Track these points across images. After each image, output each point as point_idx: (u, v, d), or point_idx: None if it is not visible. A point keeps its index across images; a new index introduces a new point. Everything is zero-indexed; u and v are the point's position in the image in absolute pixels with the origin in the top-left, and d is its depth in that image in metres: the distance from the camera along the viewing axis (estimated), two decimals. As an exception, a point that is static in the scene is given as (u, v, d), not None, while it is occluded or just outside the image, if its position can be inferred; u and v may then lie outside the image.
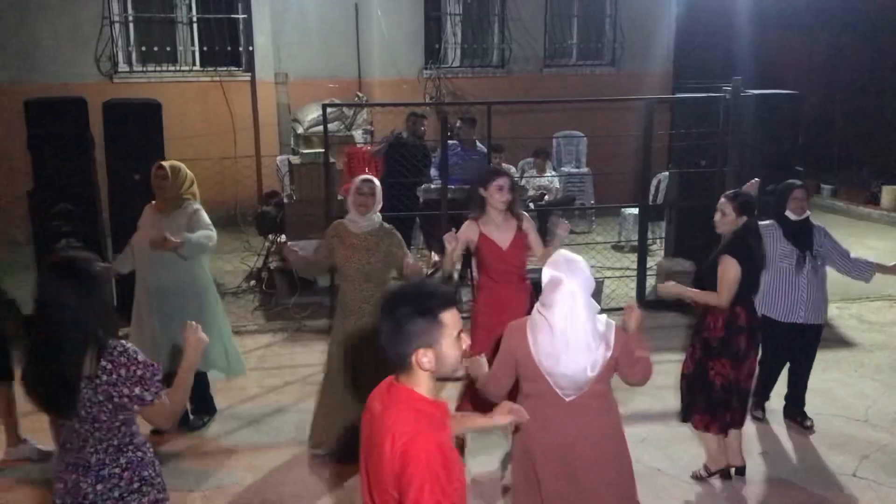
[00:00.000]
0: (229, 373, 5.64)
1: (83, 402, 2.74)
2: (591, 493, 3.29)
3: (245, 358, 5.93)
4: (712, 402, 4.58)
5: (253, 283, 8.57)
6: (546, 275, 3.21)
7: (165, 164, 5.17)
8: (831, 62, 14.29)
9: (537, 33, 12.48)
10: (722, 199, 4.68)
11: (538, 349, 3.18)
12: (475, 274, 5.61)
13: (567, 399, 3.22)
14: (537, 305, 3.25)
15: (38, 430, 5.23)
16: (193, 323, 3.03)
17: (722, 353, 4.53)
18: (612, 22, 12.89)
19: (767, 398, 5.60)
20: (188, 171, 5.24)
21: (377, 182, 4.92)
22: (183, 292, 5.14)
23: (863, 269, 5.30)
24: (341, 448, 4.86)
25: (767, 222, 5.26)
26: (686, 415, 4.78)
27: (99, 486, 2.81)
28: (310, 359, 6.74)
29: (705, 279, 4.62)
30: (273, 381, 6.29)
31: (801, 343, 5.33)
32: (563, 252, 3.30)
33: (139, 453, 2.90)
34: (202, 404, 5.54)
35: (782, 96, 8.47)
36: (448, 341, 2.32)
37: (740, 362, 4.55)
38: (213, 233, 5.17)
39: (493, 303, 4.84)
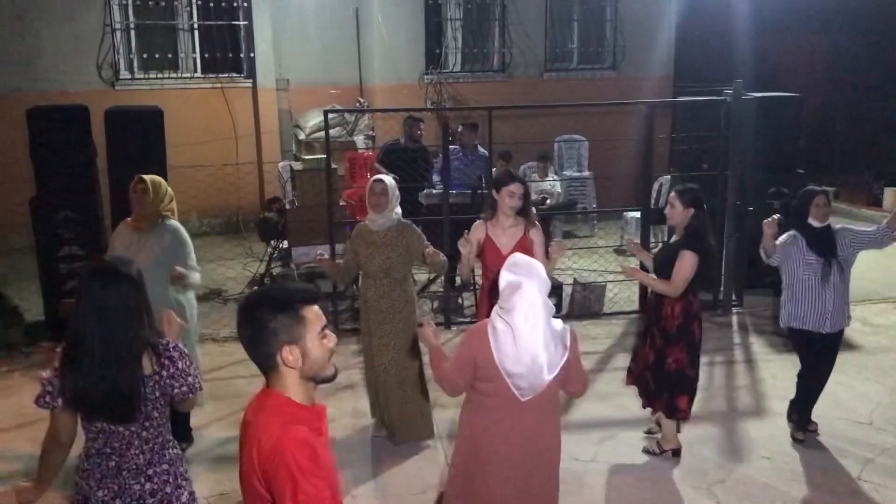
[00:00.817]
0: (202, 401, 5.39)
1: (145, 403, 2.83)
2: (535, 492, 3.40)
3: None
4: (668, 387, 4.91)
5: (255, 289, 8.55)
6: (504, 278, 3.29)
7: (146, 177, 4.89)
8: (832, 64, 14.29)
9: (538, 38, 12.49)
10: (672, 194, 4.98)
11: (500, 351, 3.25)
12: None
13: (523, 399, 3.29)
14: (496, 308, 3.33)
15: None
16: (169, 311, 3.18)
17: (680, 340, 4.85)
18: (613, 26, 12.91)
19: (810, 417, 5.39)
20: (168, 187, 5.01)
21: (389, 180, 5.09)
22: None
23: (884, 235, 5.13)
24: (393, 430, 5.31)
25: (789, 234, 5.19)
26: (648, 402, 5.10)
27: (148, 486, 2.89)
28: (313, 365, 6.72)
29: (660, 269, 4.91)
30: (276, 388, 6.26)
31: (823, 350, 5.22)
32: (520, 255, 3.38)
33: (176, 450, 3.03)
34: (185, 432, 5.27)
35: (784, 99, 8.48)
36: (312, 336, 2.27)
37: (695, 348, 4.92)
38: (198, 270, 5.07)
39: (492, 306, 4.83)
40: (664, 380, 4.90)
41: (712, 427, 5.58)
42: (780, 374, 6.33)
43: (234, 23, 11.39)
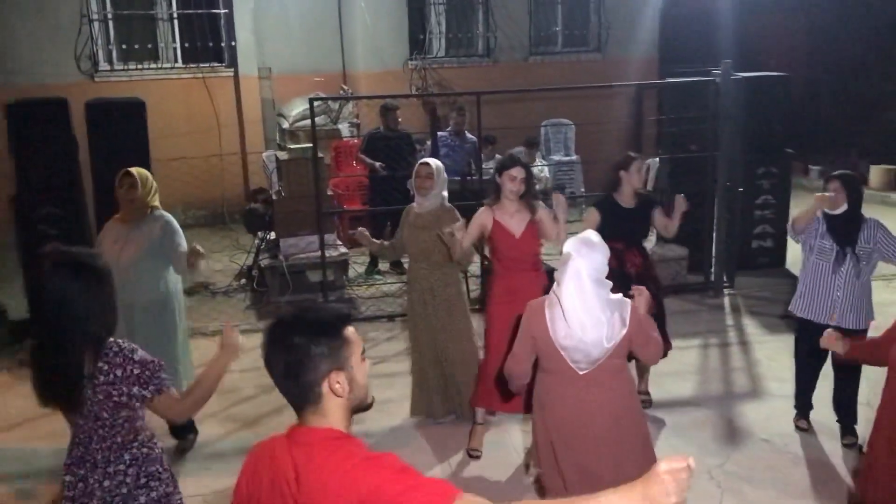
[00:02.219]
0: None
1: (85, 401, 2.76)
2: (608, 465, 3.37)
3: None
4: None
5: (243, 281, 8.48)
6: (563, 251, 3.36)
7: (133, 171, 4.82)
8: (814, 44, 14.29)
9: (522, 21, 12.39)
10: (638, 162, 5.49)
11: (554, 325, 3.30)
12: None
13: (581, 373, 3.33)
14: (554, 285, 3.38)
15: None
16: (230, 325, 3.02)
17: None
18: (597, 8, 12.83)
19: (810, 406, 5.22)
20: (153, 181, 4.94)
21: (435, 163, 5.21)
22: (152, 308, 4.89)
23: None
24: (440, 411, 5.39)
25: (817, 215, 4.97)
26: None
27: (106, 483, 2.83)
28: (304, 357, 6.65)
29: (640, 227, 5.52)
30: (268, 381, 6.02)
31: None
32: (587, 233, 3.42)
33: (144, 449, 2.90)
34: (188, 424, 5.21)
35: (772, 79, 8.46)
36: (356, 360, 2.02)
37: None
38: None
39: (507, 290, 4.84)
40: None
41: (709, 410, 5.56)
42: (774, 355, 6.31)
43: (214, 11, 11.22)
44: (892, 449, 3.29)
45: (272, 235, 8.32)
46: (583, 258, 3.25)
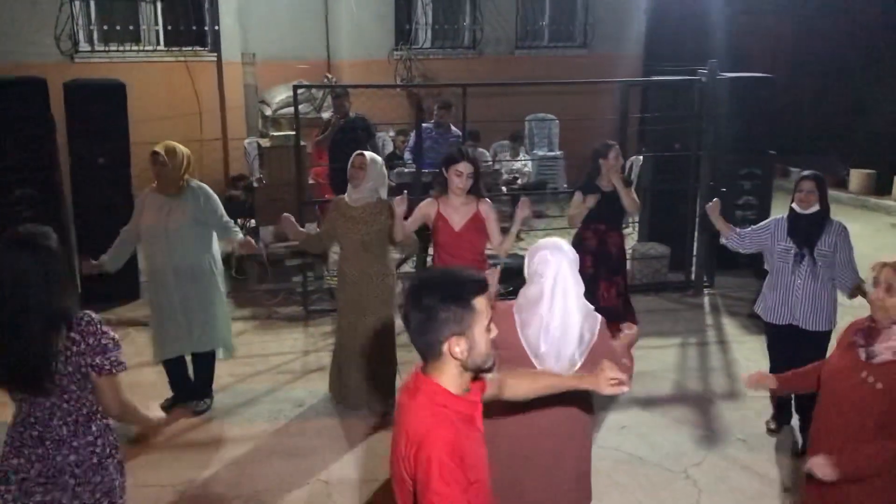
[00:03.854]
0: (227, 353, 5.59)
1: (56, 377, 2.74)
2: (554, 484, 3.21)
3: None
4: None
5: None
6: (534, 257, 3.15)
7: (159, 149, 4.95)
8: (798, 47, 14.35)
9: (509, 14, 12.35)
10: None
11: (527, 332, 3.10)
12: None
13: None
14: (523, 290, 3.18)
15: None
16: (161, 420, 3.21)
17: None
18: (584, 3, 12.81)
19: (787, 405, 5.18)
20: (185, 152, 5.07)
21: (371, 154, 5.11)
22: (196, 272, 5.11)
23: (847, 282, 4.77)
24: (351, 401, 5.36)
25: (778, 216, 5.02)
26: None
27: (72, 457, 2.82)
28: (281, 347, 6.60)
29: (619, 209, 5.85)
30: (244, 370, 6.15)
31: (806, 351, 4.51)
32: (544, 240, 3.25)
33: (105, 420, 2.93)
34: (208, 387, 5.50)
35: (757, 80, 8.47)
36: (480, 329, 2.22)
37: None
38: (237, 229, 5.36)
39: None
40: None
41: (686, 409, 5.56)
42: (752, 355, 6.33)
43: (197, -6, 11.08)
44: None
45: (252, 223, 8.24)
46: (561, 255, 3.11)
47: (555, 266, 3.08)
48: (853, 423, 2.98)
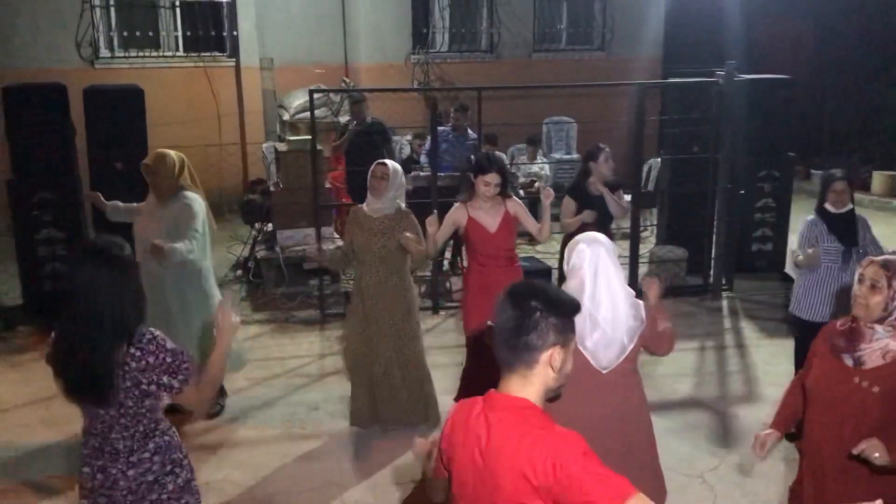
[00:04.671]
0: (235, 364, 5.38)
1: (117, 389, 2.74)
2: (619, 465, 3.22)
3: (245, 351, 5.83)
4: None
5: (239, 272, 8.43)
6: (572, 252, 3.20)
7: (148, 161, 4.97)
8: (819, 48, 14.22)
9: (526, 18, 12.35)
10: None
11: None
12: (465, 261, 5.52)
13: (603, 372, 3.15)
14: (564, 285, 3.21)
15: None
16: (223, 302, 2.97)
17: None
18: (602, 6, 12.78)
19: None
20: (176, 157, 5.00)
21: (393, 164, 4.93)
22: (184, 279, 5.02)
23: None
24: (383, 421, 5.14)
25: (810, 218, 5.07)
26: None
27: (131, 472, 2.81)
28: (298, 350, 6.63)
29: (603, 212, 5.79)
30: (261, 373, 6.17)
31: None
32: (585, 233, 3.33)
33: (166, 437, 2.89)
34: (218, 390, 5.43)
35: (775, 81, 8.39)
36: (570, 349, 2.17)
37: None
38: (193, 243, 4.91)
39: (482, 286, 4.81)
40: None
41: (703, 413, 5.52)
42: (771, 359, 6.27)
43: (216, 0, 11.16)
44: (815, 484, 3.09)
45: (269, 227, 8.28)
46: (604, 251, 3.13)
47: (592, 256, 3.13)
48: (854, 429, 2.88)
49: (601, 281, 3.10)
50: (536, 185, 10.00)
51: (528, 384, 2.13)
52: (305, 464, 4.87)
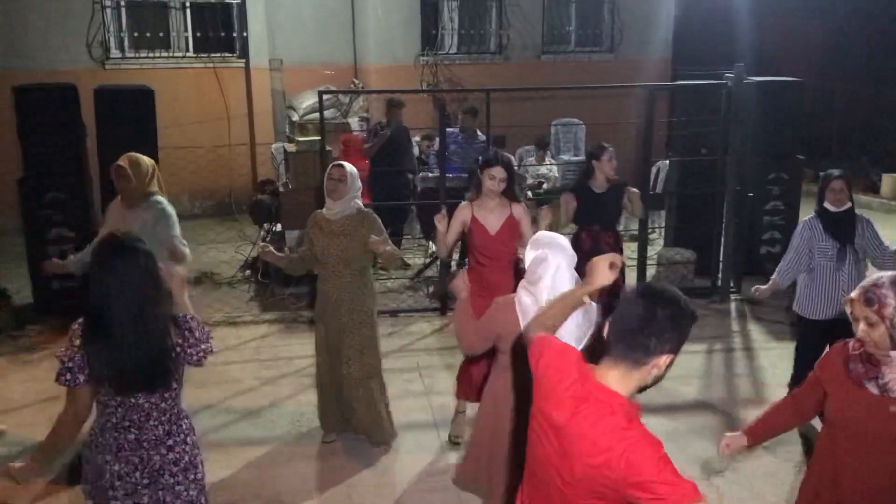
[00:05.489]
0: None
1: (174, 373, 2.89)
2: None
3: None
4: None
5: (248, 272, 8.46)
6: (528, 255, 3.32)
7: (123, 162, 4.88)
8: (829, 49, 14.18)
9: (535, 19, 12.34)
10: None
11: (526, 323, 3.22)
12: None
13: None
14: (522, 283, 3.37)
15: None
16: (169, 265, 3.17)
17: None
18: (611, 8, 12.77)
19: None
20: (149, 162, 4.97)
21: (349, 166, 4.83)
22: None
23: (889, 263, 5.00)
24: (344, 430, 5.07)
25: (805, 220, 5.20)
26: None
27: (170, 455, 2.93)
28: (306, 350, 6.62)
29: (612, 210, 5.90)
30: (269, 373, 6.20)
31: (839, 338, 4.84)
32: (542, 233, 3.47)
33: (189, 420, 3.05)
34: None
35: (785, 84, 8.38)
36: (675, 357, 2.21)
37: None
38: (185, 244, 5.00)
39: (481, 286, 4.79)
40: None
41: (711, 416, 5.51)
42: (779, 362, 6.25)
43: (226, 1, 11.21)
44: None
45: (278, 227, 8.31)
46: (557, 255, 3.25)
47: (553, 267, 3.23)
48: (886, 458, 2.79)
49: (556, 284, 3.20)
50: (544, 186, 10.00)
51: (629, 380, 2.20)
52: (313, 463, 4.89)
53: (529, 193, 9.76)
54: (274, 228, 8.40)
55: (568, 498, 2.21)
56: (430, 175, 8.37)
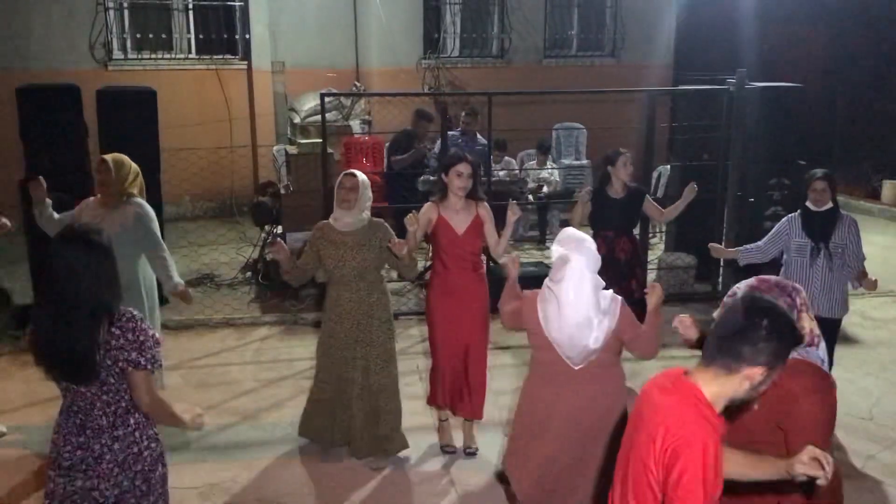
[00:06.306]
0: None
1: (99, 367, 2.85)
2: (590, 460, 3.51)
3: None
4: None
5: (249, 274, 8.46)
6: (555, 252, 3.45)
7: (108, 157, 4.90)
8: (831, 55, 14.17)
9: (537, 23, 12.36)
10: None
11: (547, 321, 3.42)
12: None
13: (575, 368, 3.43)
14: (547, 280, 3.49)
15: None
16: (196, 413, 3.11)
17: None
18: (613, 13, 12.78)
19: None
20: (133, 164, 4.97)
21: (361, 175, 4.69)
22: (129, 291, 4.78)
23: (854, 271, 5.21)
24: (326, 443, 4.93)
25: (789, 216, 5.40)
26: None
27: (115, 446, 2.93)
28: (306, 352, 6.63)
29: (629, 216, 5.90)
30: (269, 375, 6.20)
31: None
32: (571, 231, 3.53)
33: (140, 417, 3.01)
34: None
35: (786, 89, 8.37)
36: (776, 374, 2.23)
37: None
38: (164, 248, 5.00)
39: (446, 288, 4.82)
40: None
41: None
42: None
43: (229, 3, 11.23)
44: None
45: (279, 229, 8.31)
46: (582, 255, 3.37)
47: (576, 269, 3.36)
48: None
49: (576, 286, 3.35)
50: (545, 189, 10.01)
51: (717, 384, 2.21)
52: (314, 465, 4.88)
53: (530, 197, 9.78)
54: (275, 230, 8.41)
55: (656, 493, 2.24)
56: (432, 178, 8.37)
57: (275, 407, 5.69)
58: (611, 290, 3.50)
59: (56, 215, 5.06)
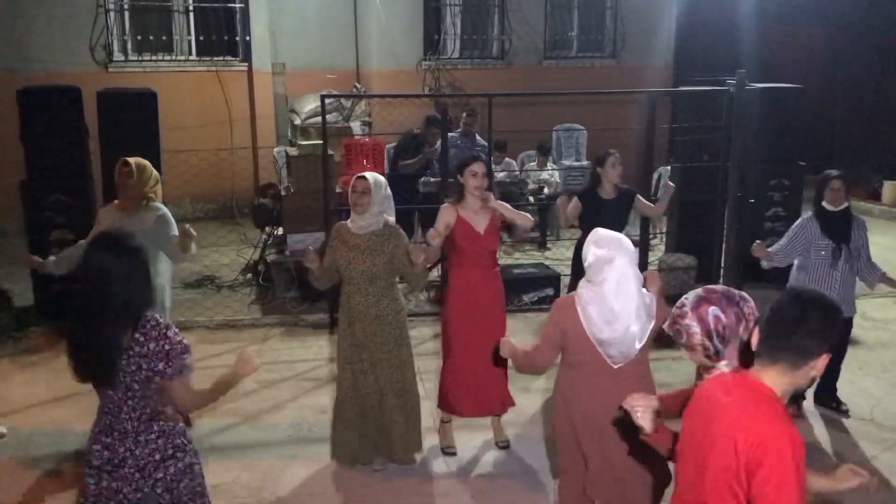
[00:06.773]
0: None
1: (119, 372, 2.87)
2: (623, 450, 3.53)
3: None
4: None
5: (249, 276, 8.47)
6: (593, 253, 3.42)
7: (131, 160, 4.90)
8: (832, 56, 14.20)
9: (537, 25, 12.37)
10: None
11: (590, 322, 3.41)
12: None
13: (615, 366, 3.46)
14: (583, 282, 3.51)
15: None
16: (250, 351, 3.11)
17: None
18: (613, 14, 12.79)
19: (802, 396, 5.54)
20: (153, 170, 5.00)
21: (373, 177, 4.59)
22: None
23: (873, 274, 5.33)
24: (371, 456, 4.79)
25: (803, 218, 5.38)
26: None
27: (137, 451, 2.95)
28: (307, 354, 6.65)
29: (620, 216, 5.79)
30: (270, 377, 6.19)
31: None
32: (604, 231, 3.52)
33: (170, 423, 3.03)
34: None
35: (787, 90, 8.39)
36: (826, 359, 2.29)
37: None
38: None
39: (465, 286, 4.84)
40: None
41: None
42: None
43: (229, 5, 11.24)
44: None
45: (280, 231, 8.31)
46: (625, 255, 3.38)
47: (618, 269, 3.35)
48: None
49: (621, 286, 3.36)
50: (545, 190, 10.02)
51: (784, 378, 2.27)
52: (314, 467, 4.88)
53: (531, 198, 9.79)
54: (276, 232, 8.41)
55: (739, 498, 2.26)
56: (432, 179, 8.37)
57: (275, 408, 5.69)
58: (645, 288, 3.52)
59: (60, 254, 5.02)
